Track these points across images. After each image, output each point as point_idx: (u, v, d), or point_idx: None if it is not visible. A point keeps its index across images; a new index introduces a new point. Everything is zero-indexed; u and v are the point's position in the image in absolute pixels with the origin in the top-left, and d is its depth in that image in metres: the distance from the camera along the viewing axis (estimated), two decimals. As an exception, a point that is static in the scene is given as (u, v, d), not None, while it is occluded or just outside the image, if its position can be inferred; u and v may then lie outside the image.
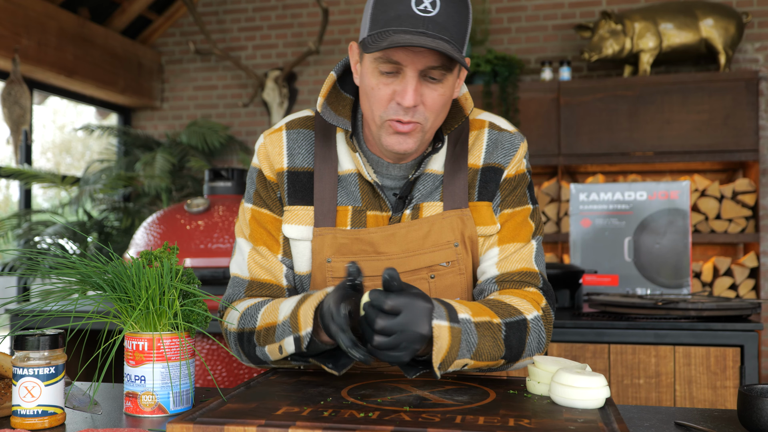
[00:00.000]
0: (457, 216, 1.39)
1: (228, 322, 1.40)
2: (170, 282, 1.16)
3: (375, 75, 1.28)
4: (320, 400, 1.13)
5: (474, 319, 1.23)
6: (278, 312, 1.29)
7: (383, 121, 1.29)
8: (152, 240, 2.70)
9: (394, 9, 1.22)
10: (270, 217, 1.44)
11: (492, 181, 1.42)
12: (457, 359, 1.20)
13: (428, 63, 1.23)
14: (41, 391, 1.08)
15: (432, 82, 1.26)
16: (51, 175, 4.92)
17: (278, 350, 1.27)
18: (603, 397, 1.12)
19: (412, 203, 1.40)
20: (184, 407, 1.17)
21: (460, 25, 1.24)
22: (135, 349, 1.15)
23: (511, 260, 1.40)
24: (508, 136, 1.44)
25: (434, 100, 1.27)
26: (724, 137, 4.46)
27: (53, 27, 4.80)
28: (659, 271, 2.78)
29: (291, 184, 1.42)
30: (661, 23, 4.56)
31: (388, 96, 1.27)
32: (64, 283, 1.18)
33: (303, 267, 1.43)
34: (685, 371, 2.19)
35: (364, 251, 1.38)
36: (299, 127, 1.46)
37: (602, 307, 2.38)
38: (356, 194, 1.41)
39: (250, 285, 1.43)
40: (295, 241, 1.43)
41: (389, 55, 1.24)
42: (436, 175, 1.42)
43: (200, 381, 2.51)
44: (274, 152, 1.44)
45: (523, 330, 1.30)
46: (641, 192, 2.83)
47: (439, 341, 1.16)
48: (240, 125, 5.85)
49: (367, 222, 1.40)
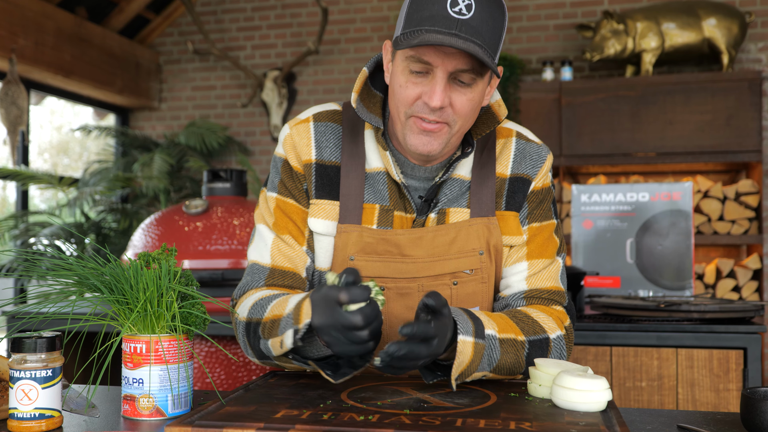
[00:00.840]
0: (484, 224, 1.40)
1: (239, 311, 1.37)
2: (168, 284, 1.16)
3: (405, 74, 1.27)
4: (320, 403, 1.13)
5: (500, 336, 1.25)
6: (287, 305, 1.24)
7: (408, 116, 1.29)
8: (150, 241, 2.70)
9: (428, 9, 1.22)
10: (296, 207, 1.43)
11: (519, 191, 1.42)
12: (476, 372, 1.22)
13: (458, 65, 1.23)
14: (38, 394, 1.08)
15: (461, 86, 1.26)
16: (48, 176, 4.92)
17: (279, 345, 1.23)
18: (605, 400, 1.11)
19: (437, 207, 1.40)
20: (183, 410, 1.17)
21: (494, 31, 1.23)
22: (133, 352, 1.15)
23: (540, 277, 1.42)
24: (535, 148, 1.45)
25: (462, 104, 1.27)
26: (727, 138, 4.46)
27: (50, 27, 4.80)
28: (662, 273, 2.78)
29: (319, 176, 1.41)
30: (663, 23, 4.56)
31: (416, 95, 1.27)
32: (61, 285, 1.18)
33: (324, 263, 1.43)
34: (688, 374, 2.19)
35: (389, 252, 1.38)
36: (327, 120, 1.44)
37: (604, 309, 2.38)
38: (384, 193, 1.40)
39: (271, 273, 1.41)
40: (318, 235, 1.42)
41: (420, 54, 1.24)
42: (463, 180, 1.41)
43: (199, 384, 2.51)
44: (301, 143, 1.42)
45: (545, 349, 1.33)
46: (643, 193, 2.83)
47: (461, 356, 1.17)
48: (239, 126, 5.86)
49: (393, 222, 1.40)
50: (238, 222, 2.70)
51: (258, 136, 5.83)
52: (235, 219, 2.71)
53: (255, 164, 5.80)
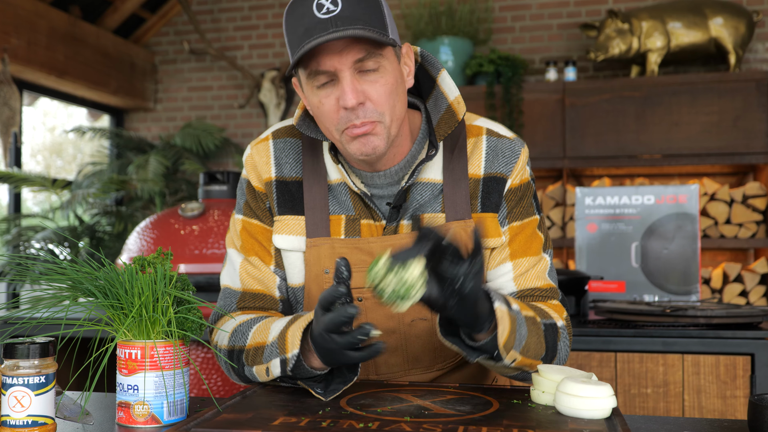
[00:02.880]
0: (461, 227, 1.39)
1: (218, 338, 1.41)
2: (164, 288, 1.16)
3: (316, 94, 1.30)
4: (318, 410, 1.13)
5: (523, 313, 1.25)
6: (269, 332, 1.29)
7: (340, 132, 1.30)
8: (145, 245, 2.70)
9: (301, 25, 1.24)
10: (260, 227, 1.46)
11: (495, 191, 1.42)
12: (513, 350, 1.21)
13: (354, 56, 1.25)
14: (31, 401, 1.08)
15: (370, 75, 1.27)
16: (41, 179, 4.92)
17: (265, 372, 1.28)
18: (609, 407, 1.12)
19: (408, 212, 1.40)
20: (179, 417, 1.17)
21: (370, 11, 1.25)
22: (128, 358, 1.15)
23: (528, 277, 1.42)
24: (507, 143, 1.44)
25: (379, 93, 1.28)
26: (734, 139, 4.47)
27: (43, 26, 4.81)
28: (667, 278, 2.78)
29: (280, 193, 1.44)
30: (669, 22, 4.57)
31: (334, 106, 1.28)
32: (54, 289, 1.18)
33: (296, 279, 1.44)
34: (694, 380, 2.19)
35: (364, 261, 1.39)
36: (286, 136, 1.48)
37: (609, 315, 2.38)
38: (348, 203, 1.42)
39: (242, 296, 1.45)
40: (286, 251, 1.44)
41: (316, 67, 1.26)
42: (435, 183, 1.41)
43: (195, 390, 2.51)
44: (261, 162, 1.46)
45: (555, 334, 1.34)
46: (649, 196, 2.83)
47: (502, 323, 1.16)
48: (236, 127, 5.86)
49: (361, 231, 1.40)
50: (235, 225, 2.70)
51: (255, 138, 5.84)
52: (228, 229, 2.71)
53: (252, 166, 5.80)
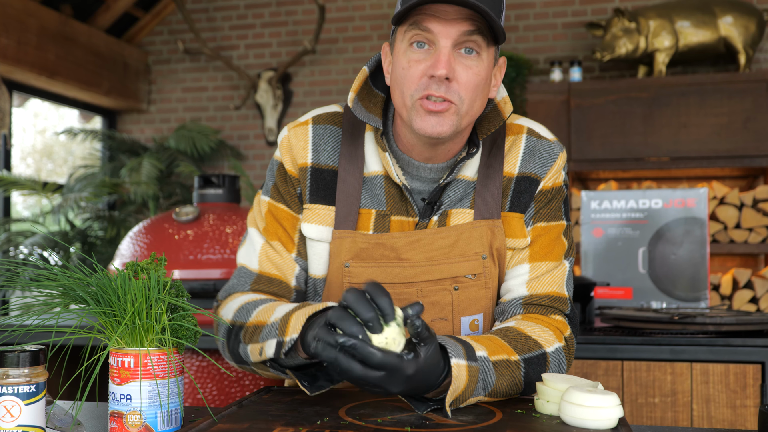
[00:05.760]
0: (488, 226, 1.40)
1: (222, 313, 1.42)
2: (158, 295, 1.16)
3: (407, 54, 1.29)
4: (316, 420, 1.13)
5: (491, 358, 1.24)
6: (273, 313, 1.29)
7: (414, 100, 1.29)
8: (139, 250, 2.70)
9: None
10: (286, 213, 1.45)
11: (526, 191, 1.42)
12: (472, 397, 1.21)
13: (462, 28, 1.25)
14: (21, 411, 1.08)
15: (467, 57, 1.27)
16: (31, 182, 4.93)
17: (258, 352, 1.27)
18: (616, 417, 1.12)
19: (441, 209, 1.41)
20: (173, 427, 1.18)
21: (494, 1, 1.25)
22: (120, 366, 1.15)
23: (542, 281, 1.41)
24: (546, 145, 1.44)
25: (468, 78, 1.28)
26: (744, 142, 4.47)
27: (34, 25, 4.81)
28: (675, 284, 2.79)
29: (314, 181, 1.43)
30: (677, 21, 4.58)
31: (420, 73, 1.28)
32: (45, 296, 1.18)
33: (319, 270, 1.44)
34: (703, 389, 2.19)
35: (386, 257, 1.39)
36: (326, 123, 1.46)
37: (615, 322, 2.38)
38: (381, 197, 1.42)
39: (258, 278, 1.45)
40: (312, 241, 1.43)
41: (420, 22, 1.25)
42: (468, 181, 1.42)
43: (189, 399, 2.51)
44: (298, 146, 1.45)
45: (542, 365, 1.31)
46: (656, 200, 2.83)
47: (457, 381, 1.15)
48: (231, 129, 5.87)
49: (391, 227, 1.41)
50: (230, 230, 2.70)
51: (251, 140, 5.84)
52: (228, 227, 2.71)
53: (248, 169, 5.81)
